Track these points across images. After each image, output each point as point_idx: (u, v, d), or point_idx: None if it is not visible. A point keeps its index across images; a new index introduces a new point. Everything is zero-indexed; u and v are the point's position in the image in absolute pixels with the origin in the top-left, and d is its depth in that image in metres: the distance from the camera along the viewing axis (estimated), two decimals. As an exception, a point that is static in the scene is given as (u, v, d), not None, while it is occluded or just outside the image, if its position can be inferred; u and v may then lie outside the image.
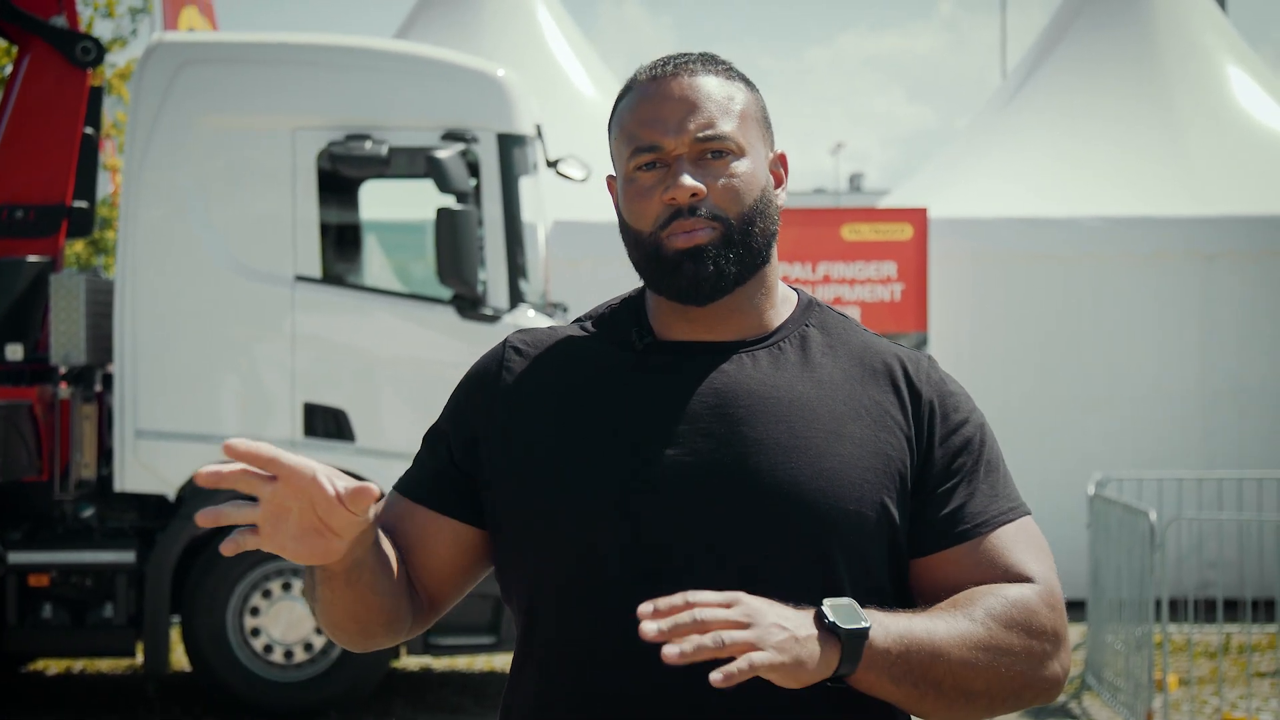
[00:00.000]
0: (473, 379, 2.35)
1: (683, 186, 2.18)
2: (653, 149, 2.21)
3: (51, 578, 8.57)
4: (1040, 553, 2.23)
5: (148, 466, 8.59)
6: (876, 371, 2.26)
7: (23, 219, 8.99)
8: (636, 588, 2.13)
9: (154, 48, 8.83)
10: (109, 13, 16.01)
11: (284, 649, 8.65)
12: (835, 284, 11.79)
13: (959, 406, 2.27)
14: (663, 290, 2.24)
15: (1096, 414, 11.90)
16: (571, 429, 2.23)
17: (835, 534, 2.16)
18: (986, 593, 2.15)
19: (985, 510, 2.22)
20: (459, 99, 8.72)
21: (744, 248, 2.21)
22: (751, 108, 2.27)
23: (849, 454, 2.18)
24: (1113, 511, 8.99)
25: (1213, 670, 9.45)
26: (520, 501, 2.23)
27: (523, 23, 14.61)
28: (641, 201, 2.22)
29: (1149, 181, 12.68)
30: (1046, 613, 2.17)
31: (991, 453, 2.28)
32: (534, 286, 8.96)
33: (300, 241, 8.63)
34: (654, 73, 2.26)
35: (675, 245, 2.19)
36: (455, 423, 2.32)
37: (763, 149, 2.27)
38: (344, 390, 8.63)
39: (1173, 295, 11.97)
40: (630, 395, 2.23)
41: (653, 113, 2.23)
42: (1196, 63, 13.62)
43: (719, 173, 2.21)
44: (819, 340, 2.29)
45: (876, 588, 2.19)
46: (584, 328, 2.34)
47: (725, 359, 2.24)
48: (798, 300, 2.34)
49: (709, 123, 2.21)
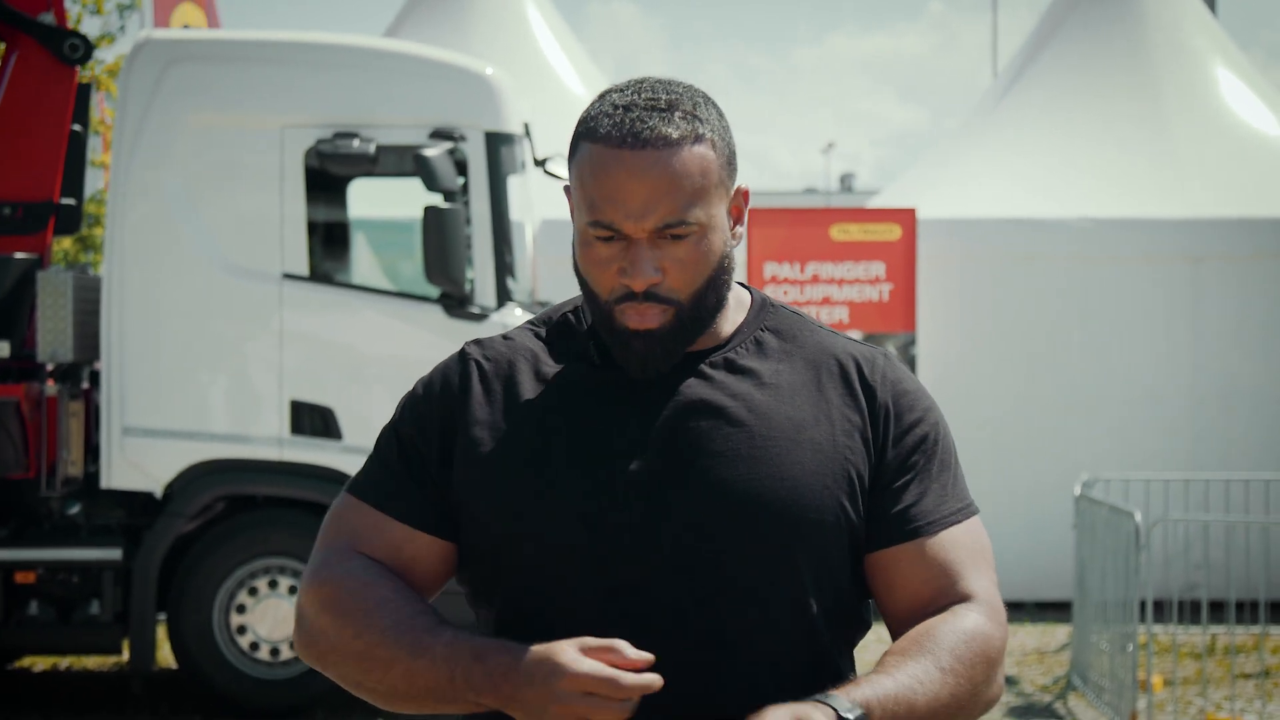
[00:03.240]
0: (432, 391, 2.31)
1: (638, 279, 2.18)
2: (610, 227, 2.19)
3: (38, 575, 8.57)
4: (984, 560, 2.27)
5: (135, 464, 8.59)
6: (832, 373, 2.28)
7: (10, 216, 8.98)
8: (604, 603, 2.15)
9: (142, 45, 8.82)
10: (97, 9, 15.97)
11: (270, 646, 8.65)
12: (824, 284, 11.80)
13: (914, 405, 2.29)
14: (616, 355, 2.24)
15: (1085, 415, 11.91)
16: (533, 445, 2.22)
17: (799, 541, 2.19)
18: (947, 632, 2.17)
19: (935, 510, 2.25)
20: (447, 97, 8.72)
21: (695, 322, 2.23)
22: (716, 167, 2.22)
23: (808, 460, 2.20)
24: (1098, 512, 9.00)
25: (1197, 671, 9.47)
26: (484, 518, 2.23)
27: (512, 21, 14.61)
28: (598, 269, 2.21)
29: (1138, 183, 12.70)
30: (998, 637, 2.22)
31: (945, 451, 2.30)
32: (522, 285, 8.97)
33: (288, 239, 8.63)
34: (618, 135, 2.18)
35: (627, 324, 2.20)
36: (426, 434, 2.29)
37: (724, 203, 2.24)
38: (331, 388, 8.63)
39: (1161, 297, 11.99)
40: (590, 410, 2.23)
41: (614, 190, 2.17)
42: (1186, 64, 13.63)
43: (677, 254, 2.19)
44: (774, 344, 2.29)
45: (838, 588, 2.23)
46: (538, 335, 2.33)
47: (683, 369, 2.25)
48: (751, 302, 2.34)
49: (672, 211, 2.17)
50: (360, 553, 2.26)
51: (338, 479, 8.52)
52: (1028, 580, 11.68)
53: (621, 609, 2.15)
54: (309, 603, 2.25)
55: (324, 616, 2.22)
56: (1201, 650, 9.34)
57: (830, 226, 11.90)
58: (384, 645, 2.16)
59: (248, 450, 8.64)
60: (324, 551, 2.28)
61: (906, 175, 15.03)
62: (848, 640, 2.29)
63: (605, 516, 2.17)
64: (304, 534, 8.61)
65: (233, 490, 8.73)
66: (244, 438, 8.64)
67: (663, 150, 2.17)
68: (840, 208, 14.96)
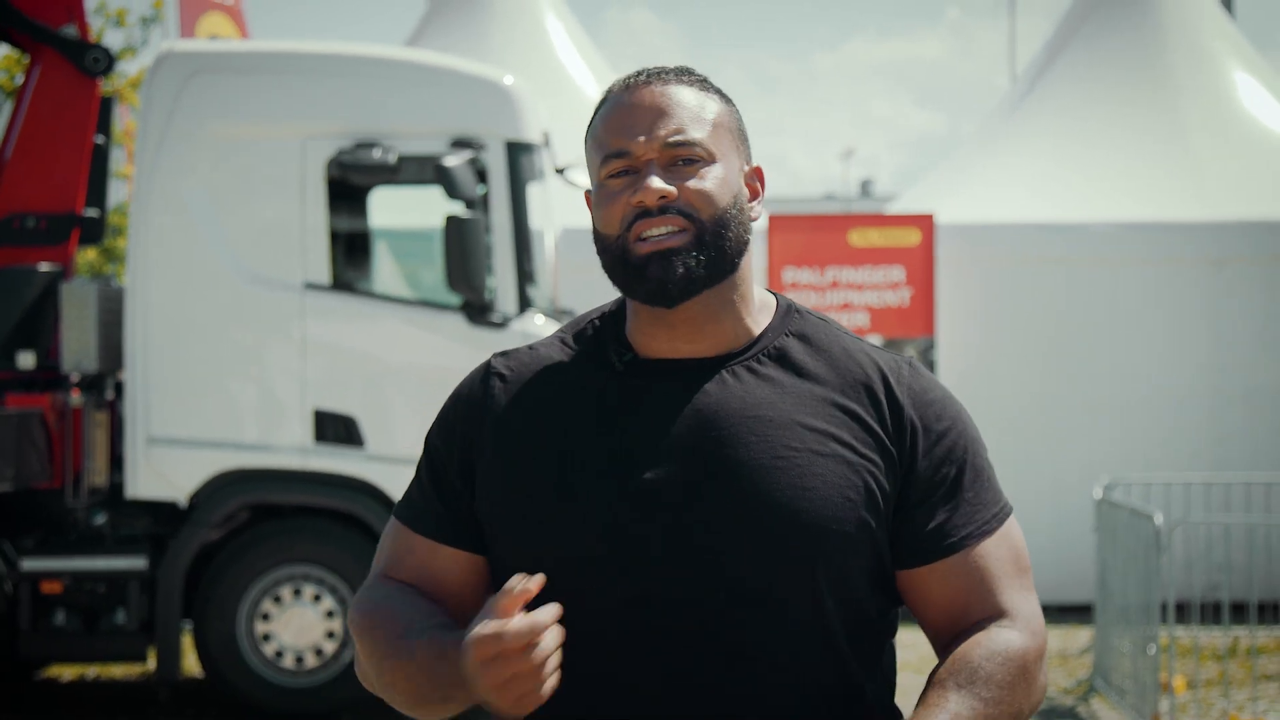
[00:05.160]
0: (460, 403, 2.33)
1: (649, 189, 2.17)
2: (622, 155, 2.20)
3: (64, 584, 8.61)
4: (1017, 567, 2.26)
5: (159, 473, 8.64)
6: (857, 383, 2.25)
7: (34, 227, 9.05)
8: (625, 614, 2.16)
9: (164, 57, 8.88)
10: (120, 22, 16.10)
11: (295, 654, 8.69)
12: (843, 289, 11.82)
13: (941, 415, 2.27)
14: (632, 293, 2.22)
15: (1105, 418, 11.91)
16: (556, 454, 2.23)
17: (819, 553, 2.17)
18: (983, 659, 2.17)
19: (968, 522, 2.24)
20: (467, 107, 8.76)
21: (715, 250, 2.20)
22: (726, 119, 2.26)
23: (830, 472, 2.19)
24: (1119, 515, 9.01)
25: (1219, 673, 9.46)
26: (509, 528, 2.24)
27: (531, 30, 14.65)
28: (610, 206, 2.21)
29: (1157, 187, 12.69)
30: (1034, 647, 2.22)
31: (976, 456, 2.28)
32: (542, 293, 9.00)
33: (310, 249, 8.68)
34: (627, 83, 2.25)
35: (642, 250, 2.18)
36: (449, 447, 2.31)
37: (736, 160, 2.26)
38: (354, 396, 8.67)
39: (1181, 300, 11.98)
40: (613, 418, 2.23)
41: (624, 120, 2.22)
42: (1204, 68, 13.63)
43: (690, 177, 2.20)
44: (799, 350, 2.27)
45: (855, 599, 2.22)
46: (565, 344, 2.32)
47: (706, 377, 2.23)
48: (776, 307, 2.33)
49: (679, 128, 2.20)
50: (390, 577, 2.31)
51: (361, 487, 8.58)
52: (1049, 583, 11.66)
53: (642, 620, 2.16)
54: (353, 635, 2.32)
55: (359, 648, 2.29)
56: (1223, 652, 9.34)
57: (849, 232, 11.92)
58: (388, 659, 2.21)
59: (271, 459, 8.69)
60: (367, 580, 2.36)
61: (925, 180, 15.04)
62: (872, 654, 2.26)
63: (626, 527, 2.17)
64: (328, 542, 8.67)
65: (257, 499, 8.77)
66: (268, 447, 8.68)
67: (669, 83, 2.25)
68: (859, 213, 14.95)
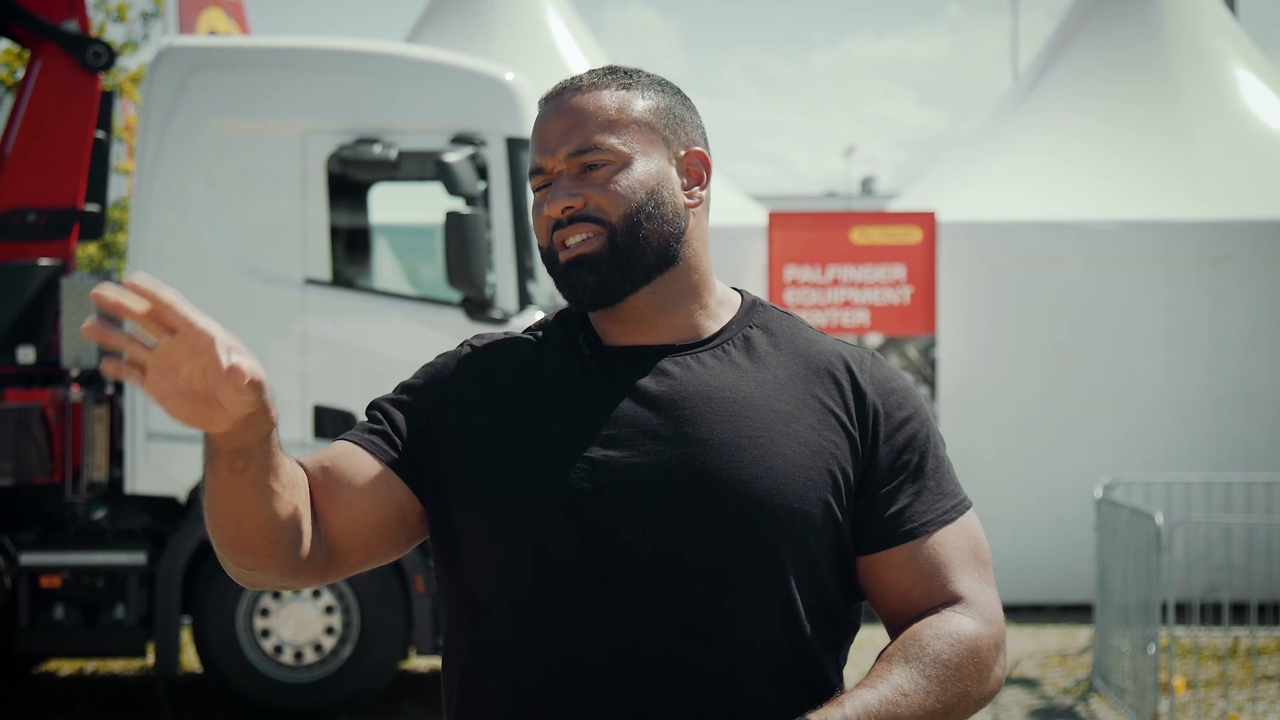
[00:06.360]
0: (430, 372, 2.37)
1: (554, 204, 2.26)
2: (539, 171, 2.30)
3: (63, 579, 8.61)
4: (975, 558, 2.28)
5: (158, 468, 8.63)
6: (820, 371, 2.29)
7: (34, 222, 9.03)
8: (584, 590, 2.17)
9: (164, 52, 8.87)
10: (120, 17, 16.08)
11: (294, 650, 8.69)
12: (844, 287, 11.82)
13: (902, 404, 2.30)
14: (565, 298, 2.31)
15: (1105, 417, 11.91)
16: (522, 432, 2.25)
17: (781, 531, 2.19)
18: (931, 637, 2.19)
19: (928, 510, 2.27)
20: (468, 102, 8.76)
21: (632, 251, 2.25)
22: (648, 113, 2.30)
23: (794, 453, 2.21)
24: (1120, 514, 9.00)
25: (1219, 673, 9.46)
26: (471, 502, 2.25)
27: (532, 26, 14.64)
28: (536, 220, 2.30)
29: (1158, 185, 12.69)
30: (986, 635, 2.23)
31: (936, 447, 2.32)
32: (543, 289, 8.99)
33: (310, 244, 8.67)
34: (546, 97, 2.33)
35: (562, 259, 2.26)
36: (411, 405, 2.34)
37: (661, 151, 2.30)
38: (354, 392, 8.66)
39: (1181, 298, 11.98)
40: (578, 400, 2.26)
41: (539, 135, 2.30)
42: (1206, 66, 13.62)
43: (597, 183, 2.25)
44: (763, 341, 2.32)
45: (821, 584, 2.24)
46: (534, 335, 2.38)
47: (671, 362, 2.27)
48: (741, 301, 2.37)
49: (584, 138, 2.26)
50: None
51: (360, 483, 8.58)
52: (1049, 582, 11.69)
53: (602, 596, 2.16)
54: None
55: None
56: (1223, 652, 9.34)
57: (850, 230, 11.92)
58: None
59: (271, 454, 8.67)
60: None
61: (926, 178, 15.04)
62: (833, 639, 2.28)
63: (588, 505, 2.18)
64: (327, 538, 8.66)
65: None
66: None
67: (578, 92, 2.30)
68: (860, 211, 14.95)
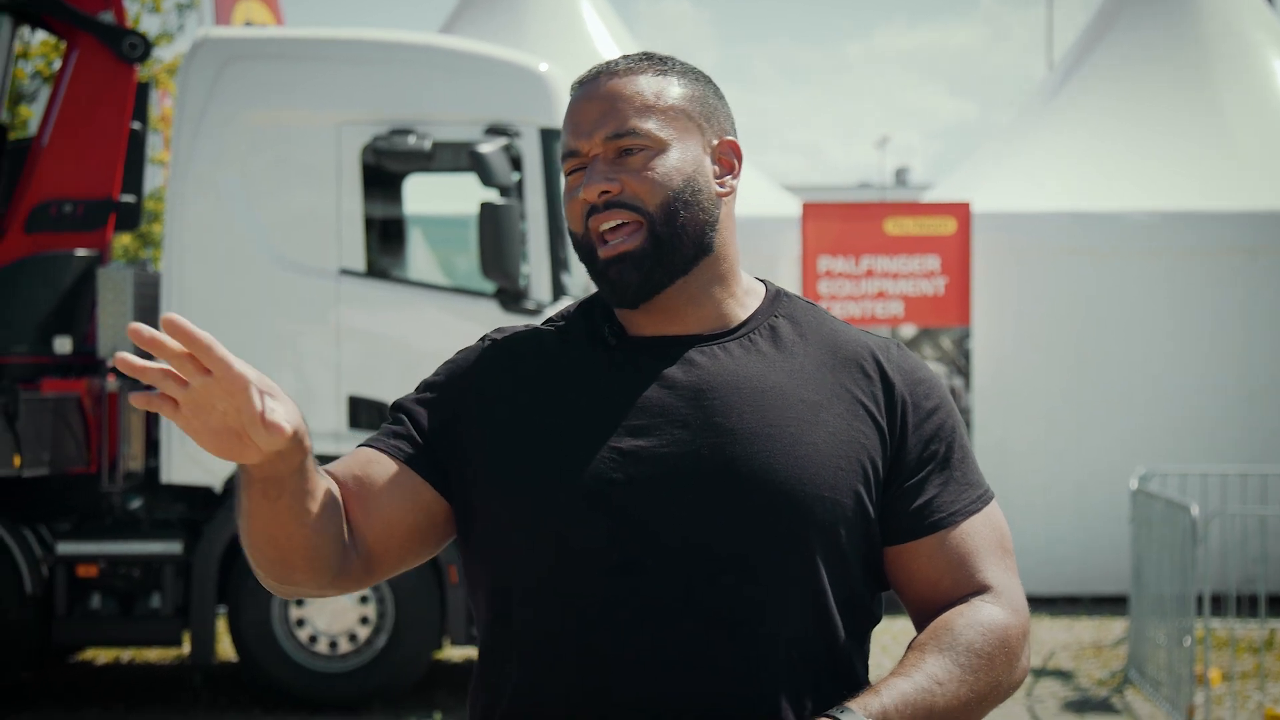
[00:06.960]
0: (452, 367, 2.36)
1: (590, 187, 2.23)
2: (574, 154, 2.27)
3: (100, 568, 8.66)
4: (1001, 548, 2.29)
5: (194, 458, 8.66)
6: (848, 361, 2.29)
7: (71, 213, 9.08)
8: (615, 580, 2.16)
9: (200, 43, 8.90)
10: (156, 8, 16.14)
11: (329, 640, 8.72)
12: (878, 278, 11.80)
13: (929, 394, 2.30)
14: (600, 291, 2.29)
15: (1140, 408, 11.87)
16: (547, 423, 2.24)
17: (811, 520, 2.18)
18: (964, 626, 2.19)
19: (956, 500, 2.27)
20: (502, 93, 8.76)
21: (672, 241, 2.24)
22: (684, 100, 2.28)
23: (823, 441, 2.21)
24: (1155, 506, 8.97)
25: (1255, 665, 9.43)
26: (495, 494, 2.24)
27: (566, 16, 14.65)
28: (570, 204, 2.27)
29: (1193, 176, 12.63)
30: (1015, 624, 2.23)
31: (961, 438, 2.32)
32: (576, 279, 9.00)
33: (345, 235, 8.69)
34: (581, 80, 2.31)
35: (604, 254, 2.24)
36: (434, 402, 2.32)
37: (696, 139, 2.28)
38: (388, 383, 8.68)
39: (1216, 290, 11.92)
40: (604, 390, 2.25)
41: (574, 119, 2.28)
42: (1243, 57, 13.56)
43: (634, 168, 2.23)
44: (789, 330, 2.31)
45: (850, 574, 2.23)
46: (556, 326, 2.36)
47: (698, 352, 2.26)
48: (765, 292, 2.36)
49: (620, 122, 2.24)
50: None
51: (395, 473, 8.59)
52: (1084, 574, 11.65)
53: (630, 586, 2.15)
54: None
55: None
56: (1259, 644, 9.30)
57: (884, 220, 11.89)
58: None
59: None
60: None
61: (961, 169, 15.00)
62: (859, 631, 2.28)
63: (615, 494, 2.18)
64: (361, 528, 8.68)
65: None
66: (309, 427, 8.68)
67: (614, 76, 2.28)
68: (894, 202, 14.92)
